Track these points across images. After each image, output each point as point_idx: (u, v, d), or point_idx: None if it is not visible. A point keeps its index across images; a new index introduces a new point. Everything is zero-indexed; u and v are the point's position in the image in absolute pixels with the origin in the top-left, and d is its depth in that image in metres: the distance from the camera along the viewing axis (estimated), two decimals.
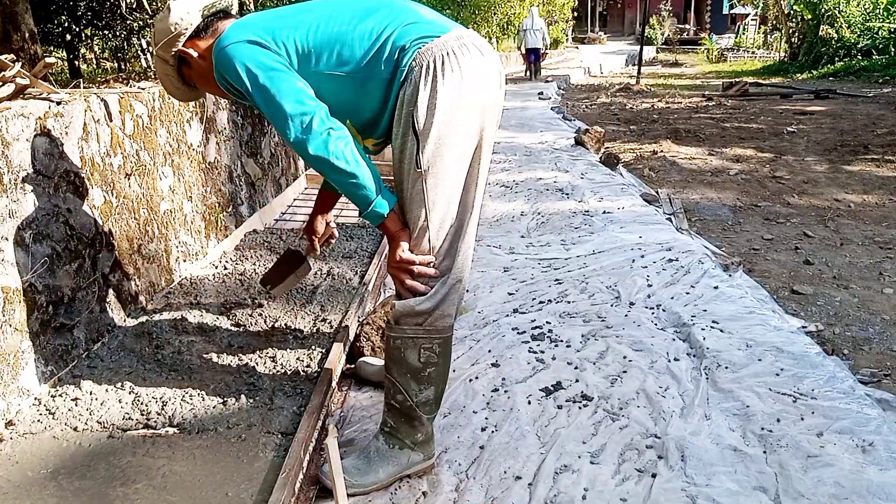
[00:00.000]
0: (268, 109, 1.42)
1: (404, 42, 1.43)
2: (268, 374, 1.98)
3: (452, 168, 1.45)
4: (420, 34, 1.44)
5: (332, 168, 1.40)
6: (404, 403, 1.57)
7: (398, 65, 1.43)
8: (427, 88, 1.40)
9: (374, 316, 2.25)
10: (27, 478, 1.53)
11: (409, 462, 1.61)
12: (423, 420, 1.59)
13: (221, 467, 1.57)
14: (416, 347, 1.52)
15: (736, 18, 33.16)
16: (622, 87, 13.23)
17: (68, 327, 1.98)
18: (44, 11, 7.70)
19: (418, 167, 1.43)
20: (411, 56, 1.42)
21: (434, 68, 1.40)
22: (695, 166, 5.84)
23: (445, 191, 1.46)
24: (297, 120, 1.39)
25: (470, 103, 1.44)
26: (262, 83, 1.41)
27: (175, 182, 2.70)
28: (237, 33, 1.48)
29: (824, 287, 3.06)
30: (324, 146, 1.38)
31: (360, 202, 1.45)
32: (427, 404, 1.58)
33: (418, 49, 1.42)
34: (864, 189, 4.88)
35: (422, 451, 1.63)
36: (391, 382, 1.58)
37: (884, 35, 14.84)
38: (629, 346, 2.28)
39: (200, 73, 1.61)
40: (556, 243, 3.46)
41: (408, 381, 1.55)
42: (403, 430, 1.60)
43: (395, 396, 1.58)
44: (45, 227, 1.90)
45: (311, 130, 1.38)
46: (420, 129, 1.41)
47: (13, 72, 1.93)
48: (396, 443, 1.61)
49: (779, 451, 1.69)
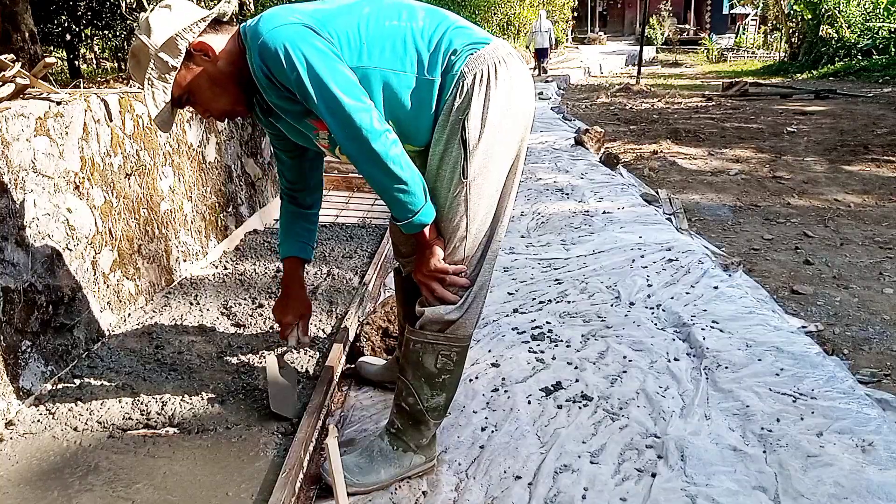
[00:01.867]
0: (323, 103, 1.29)
1: (457, 46, 1.37)
2: (268, 373, 1.98)
3: (495, 179, 1.42)
4: (470, 40, 1.39)
5: (386, 172, 1.32)
6: (415, 407, 1.55)
7: (449, 70, 1.37)
8: (480, 99, 1.36)
9: (374, 316, 2.25)
10: (27, 478, 1.53)
11: (410, 464, 1.61)
12: (430, 425, 1.59)
13: (221, 467, 1.57)
14: (435, 353, 1.50)
15: (736, 18, 33.15)
16: (622, 87, 13.23)
17: (68, 327, 1.98)
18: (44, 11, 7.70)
19: (464, 177, 1.38)
20: (463, 61, 1.36)
21: (487, 77, 1.36)
22: (695, 166, 5.84)
23: (486, 201, 1.42)
24: (357, 116, 1.28)
25: (516, 114, 1.41)
26: (319, 72, 1.28)
27: (175, 182, 2.70)
28: (285, 16, 1.33)
29: (824, 287, 3.06)
30: (383, 147, 1.30)
31: (402, 210, 1.37)
32: (437, 410, 1.57)
33: (470, 55, 1.36)
34: (864, 189, 4.88)
35: (424, 453, 1.62)
36: (404, 384, 1.56)
37: (884, 35, 14.84)
38: (629, 346, 2.28)
39: (211, 75, 1.42)
40: (556, 243, 3.46)
41: (421, 386, 1.54)
42: (410, 432, 1.59)
43: (407, 399, 1.56)
44: (45, 227, 1.90)
45: (372, 129, 1.29)
46: (470, 139, 1.36)
47: (13, 72, 1.93)
48: (401, 445, 1.60)
49: (779, 450, 1.69)
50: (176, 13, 1.40)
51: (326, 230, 3.40)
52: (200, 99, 1.46)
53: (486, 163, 1.39)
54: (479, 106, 1.36)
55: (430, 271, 1.44)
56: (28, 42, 5.12)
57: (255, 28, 1.34)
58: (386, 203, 1.40)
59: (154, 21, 1.39)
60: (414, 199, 1.36)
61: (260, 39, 1.31)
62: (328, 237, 3.28)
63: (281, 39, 1.29)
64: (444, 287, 1.46)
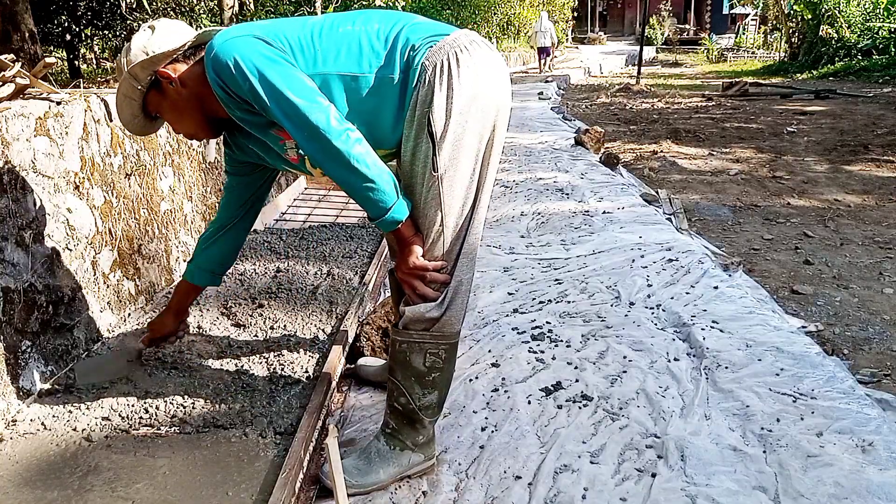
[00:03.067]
0: (278, 108, 1.31)
1: (414, 41, 1.37)
2: (267, 374, 1.98)
3: (467, 170, 1.41)
4: (428, 33, 1.39)
5: (351, 170, 1.32)
6: (407, 406, 1.55)
7: (409, 64, 1.36)
8: (443, 89, 1.34)
9: (374, 316, 2.25)
10: (27, 478, 1.53)
11: (409, 463, 1.60)
12: (424, 423, 1.58)
13: (221, 467, 1.57)
14: (423, 352, 1.50)
15: (736, 18, 33.15)
16: (622, 87, 13.22)
17: (68, 327, 1.98)
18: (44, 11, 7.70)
19: (434, 171, 1.37)
20: (423, 55, 1.35)
21: (448, 67, 1.34)
22: (695, 166, 5.84)
23: (460, 193, 1.41)
24: (313, 115, 1.29)
25: (484, 102, 1.39)
26: (271, 79, 1.30)
27: (175, 182, 2.70)
28: (236, 31, 1.37)
29: (824, 287, 3.06)
30: (345, 145, 1.30)
31: (373, 208, 1.37)
32: (430, 408, 1.57)
33: (429, 47, 1.35)
34: (864, 189, 4.88)
35: (422, 452, 1.62)
36: (395, 385, 1.56)
37: (884, 35, 14.84)
38: (629, 346, 2.28)
39: (174, 102, 1.51)
40: (556, 243, 3.46)
41: (412, 385, 1.53)
42: (405, 431, 1.59)
43: (399, 399, 1.56)
44: (45, 227, 1.90)
45: (329, 128, 1.29)
46: (436, 131, 1.35)
47: (13, 72, 1.93)
48: (398, 444, 1.59)
49: (778, 450, 1.69)
50: (156, 38, 1.47)
51: (326, 230, 3.40)
52: (167, 119, 1.57)
53: (455, 154, 1.38)
54: (443, 97, 1.34)
55: (410, 269, 1.44)
56: (28, 42, 5.12)
57: (210, 44, 1.37)
58: (358, 203, 1.40)
59: (134, 42, 1.47)
60: (384, 196, 1.35)
61: (212, 53, 1.35)
62: (328, 237, 3.28)
63: (231, 52, 1.32)
64: (425, 284, 1.45)
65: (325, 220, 3.69)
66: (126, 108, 1.55)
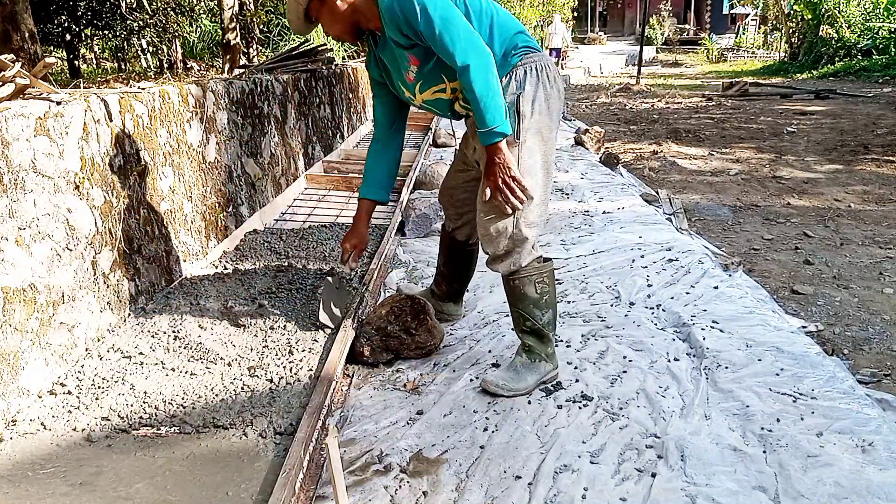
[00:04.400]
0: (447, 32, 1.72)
1: (517, 42, 1.87)
2: (267, 374, 1.98)
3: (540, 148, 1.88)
4: (526, 42, 1.89)
5: (489, 84, 1.73)
6: (534, 327, 2.00)
7: (506, 57, 1.86)
8: (533, 85, 1.84)
9: (373, 316, 2.25)
10: (27, 478, 1.53)
11: (545, 371, 2.02)
12: (549, 337, 2.03)
13: (221, 467, 1.57)
14: (532, 283, 1.96)
15: (736, 18, 33.14)
16: (622, 87, 13.23)
17: (68, 327, 1.98)
18: (44, 11, 7.70)
19: (517, 139, 1.84)
20: (520, 57, 1.86)
21: (541, 75, 1.86)
22: (695, 166, 5.84)
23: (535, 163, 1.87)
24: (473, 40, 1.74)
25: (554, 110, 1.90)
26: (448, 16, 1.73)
27: (175, 182, 2.70)
28: None
29: (824, 287, 3.06)
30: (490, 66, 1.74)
31: (491, 117, 1.75)
32: (550, 323, 2.02)
33: (526, 55, 1.86)
34: (864, 189, 4.88)
35: (551, 361, 2.04)
36: (518, 314, 2.01)
37: (884, 35, 14.84)
38: (629, 346, 2.28)
39: (332, 8, 1.89)
40: (556, 243, 3.46)
41: (532, 310, 1.98)
42: (538, 346, 2.02)
43: (525, 323, 2.01)
44: (45, 227, 1.90)
45: (483, 54, 1.74)
46: (524, 111, 1.84)
47: (13, 72, 1.93)
48: (536, 357, 2.02)
49: (778, 450, 1.69)
50: None
51: (326, 230, 3.40)
52: (323, 21, 1.95)
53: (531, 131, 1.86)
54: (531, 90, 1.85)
55: (509, 176, 1.82)
56: (28, 42, 5.12)
57: None
58: (479, 111, 1.76)
59: None
60: (501, 111, 1.77)
61: None
62: (328, 237, 3.28)
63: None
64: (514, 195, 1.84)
65: (325, 220, 3.69)
66: (293, 9, 1.95)
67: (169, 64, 12.82)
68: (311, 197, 4.20)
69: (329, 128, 5.20)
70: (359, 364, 2.18)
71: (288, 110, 4.16)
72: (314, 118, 4.78)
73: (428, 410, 1.90)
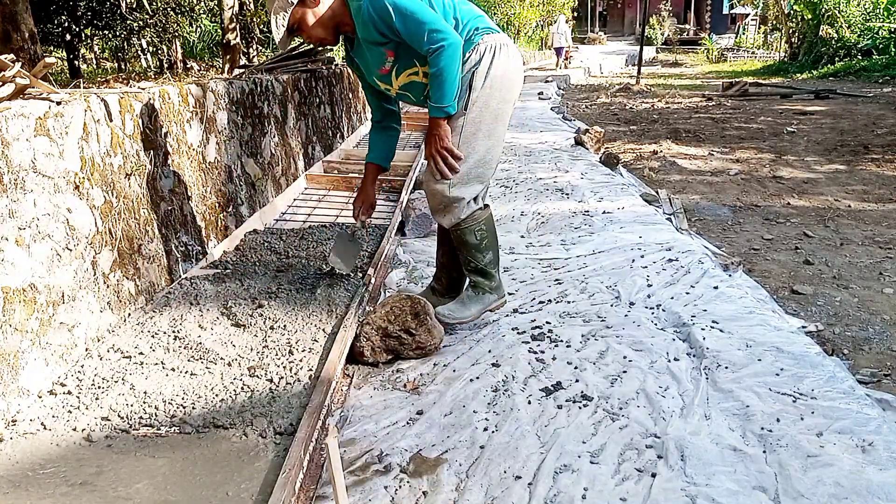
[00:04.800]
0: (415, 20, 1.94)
1: (477, 25, 2.13)
2: (267, 374, 1.98)
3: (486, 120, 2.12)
4: (485, 25, 2.15)
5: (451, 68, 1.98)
6: (477, 267, 2.31)
7: (469, 38, 2.10)
8: (488, 61, 2.09)
9: (374, 316, 2.25)
10: (27, 478, 1.53)
11: (489, 301, 2.36)
12: (492, 273, 2.34)
13: (221, 467, 1.57)
14: (472, 231, 2.23)
15: (736, 18, 33.16)
16: (622, 87, 13.23)
17: (68, 327, 1.98)
18: (44, 11, 7.71)
19: (465, 110, 2.10)
20: (480, 36, 2.11)
21: (495, 51, 2.10)
22: (695, 166, 5.84)
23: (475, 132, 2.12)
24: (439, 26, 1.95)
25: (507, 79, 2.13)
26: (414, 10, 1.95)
27: (175, 182, 2.70)
28: None
29: (824, 287, 3.06)
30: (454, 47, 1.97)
31: (444, 96, 2.03)
32: (491, 262, 2.32)
33: (485, 34, 2.12)
34: (864, 189, 4.88)
35: (496, 293, 2.37)
36: (464, 257, 2.32)
37: (884, 35, 14.84)
38: (629, 346, 2.28)
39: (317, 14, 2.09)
40: (556, 243, 3.46)
41: (473, 253, 2.28)
42: (481, 281, 2.33)
43: (470, 264, 2.32)
44: (45, 227, 1.90)
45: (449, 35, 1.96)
46: (475, 85, 2.09)
47: (13, 72, 1.93)
48: (480, 290, 2.35)
49: (778, 450, 1.69)
50: None
51: (326, 230, 3.40)
52: (304, 28, 2.12)
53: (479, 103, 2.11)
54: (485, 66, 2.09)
55: (441, 146, 2.10)
56: (28, 42, 5.12)
57: None
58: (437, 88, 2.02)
59: None
60: (454, 93, 2.05)
61: None
62: (328, 237, 3.28)
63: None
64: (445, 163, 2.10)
65: (325, 220, 3.69)
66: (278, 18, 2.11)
67: (169, 64, 12.83)
68: (311, 197, 4.20)
69: (329, 128, 5.20)
70: (359, 364, 2.18)
71: (288, 110, 4.16)
72: (314, 118, 4.78)
73: (428, 410, 1.90)
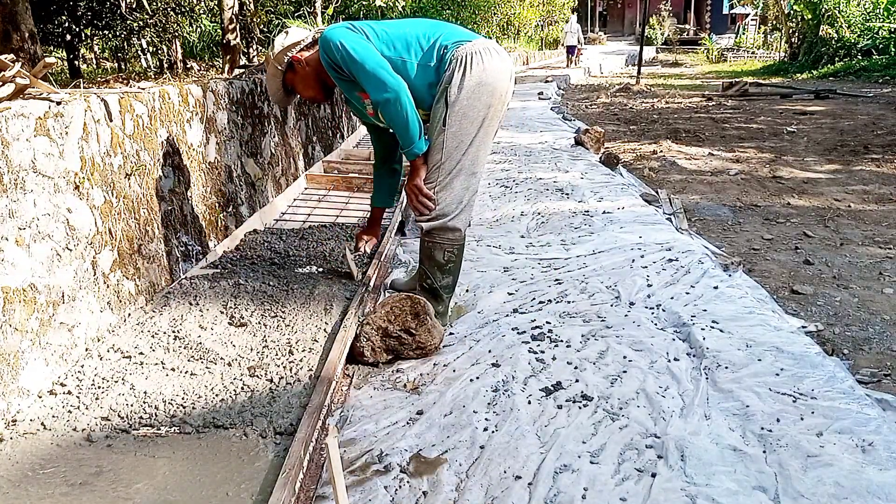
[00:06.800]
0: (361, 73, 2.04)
1: (446, 42, 2.15)
2: (267, 374, 1.98)
3: (467, 130, 2.16)
4: (457, 38, 2.16)
5: (400, 116, 2.05)
6: (432, 286, 2.34)
7: (442, 57, 2.13)
8: (459, 74, 2.10)
9: (374, 316, 2.25)
10: (27, 478, 1.53)
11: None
12: (443, 297, 2.37)
13: (221, 467, 1.57)
14: (442, 250, 2.29)
15: (736, 18, 33.16)
16: (622, 87, 13.23)
17: (68, 327, 1.98)
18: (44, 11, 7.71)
19: (444, 126, 2.13)
20: (452, 51, 2.12)
21: (465, 61, 2.10)
22: (695, 166, 5.84)
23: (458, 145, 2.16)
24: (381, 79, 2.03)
25: (486, 88, 2.13)
26: (353, 50, 2.05)
27: (175, 182, 2.70)
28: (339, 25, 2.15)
29: (824, 287, 3.06)
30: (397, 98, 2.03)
31: (408, 140, 2.12)
32: (448, 287, 2.37)
33: (457, 48, 2.13)
34: (864, 189, 4.88)
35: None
36: (423, 271, 2.35)
37: (884, 35, 14.84)
38: (629, 346, 2.28)
39: (303, 76, 2.28)
40: (556, 243, 3.46)
41: (434, 272, 2.32)
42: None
43: (426, 281, 2.35)
44: (45, 227, 1.90)
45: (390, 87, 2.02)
46: (451, 100, 2.12)
47: (13, 72, 1.93)
48: None
49: (778, 450, 1.68)
50: (289, 37, 2.27)
51: (326, 230, 3.40)
52: (297, 89, 2.34)
53: (460, 117, 2.13)
54: (458, 79, 2.11)
55: (412, 185, 2.21)
56: (28, 42, 5.12)
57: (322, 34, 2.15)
58: (399, 136, 2.14)
59: (276, 40, 2.29)
60: (415, 135, 2.12)
61: (322, 37, 2.14)
62: (328, 237, 3.28)
63: (332, 37, 2.09)
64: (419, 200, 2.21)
65: (325, 220, 3.69)
66: (273, 84, 2.33)
67: (169, 64, 12.82)
68: (311, 197, 4.20)
69: (329, 128, 5.20)
70: (359, 364, 2.18)
71: (288, 110, 4.16)
72: (314, 118, 4.78)
73: (428, 410, 1.90)
